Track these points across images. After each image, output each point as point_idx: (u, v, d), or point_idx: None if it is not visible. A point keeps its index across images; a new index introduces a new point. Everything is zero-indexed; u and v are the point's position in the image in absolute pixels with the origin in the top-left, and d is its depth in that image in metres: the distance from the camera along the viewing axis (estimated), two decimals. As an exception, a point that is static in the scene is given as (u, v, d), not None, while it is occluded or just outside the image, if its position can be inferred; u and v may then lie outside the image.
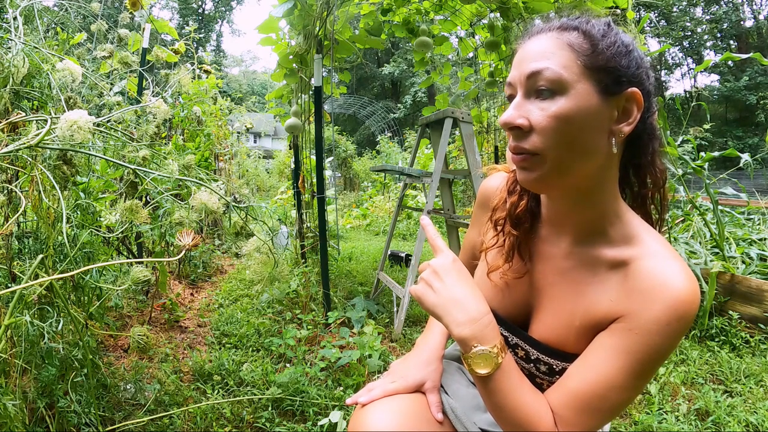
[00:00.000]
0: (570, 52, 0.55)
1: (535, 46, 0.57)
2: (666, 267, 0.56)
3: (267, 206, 1.76)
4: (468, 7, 2.77)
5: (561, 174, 0.57)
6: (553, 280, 0.67)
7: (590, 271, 0.63)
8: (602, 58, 0.55)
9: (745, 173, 2.89)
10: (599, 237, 0.62)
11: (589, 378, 0.57)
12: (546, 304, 0.68)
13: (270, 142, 25.58)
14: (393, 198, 7.45)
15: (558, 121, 0.54)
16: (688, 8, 21.08)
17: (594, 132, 0.55)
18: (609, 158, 0.58)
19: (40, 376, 1.17)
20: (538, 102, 0.55)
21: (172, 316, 2.33)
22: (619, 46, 0.56)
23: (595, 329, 0.61)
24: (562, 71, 0.54)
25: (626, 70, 0.56)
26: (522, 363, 0.69)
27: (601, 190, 0.60)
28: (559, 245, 0.67)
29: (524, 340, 0.69)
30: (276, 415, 1.54)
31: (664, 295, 0.54)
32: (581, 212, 0.62)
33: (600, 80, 0.54)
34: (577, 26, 0.57)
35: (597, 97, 0.54)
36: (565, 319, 0.64)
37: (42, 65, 1.22)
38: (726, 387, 1.73)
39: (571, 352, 0.63)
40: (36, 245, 1.31)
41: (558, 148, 0.55)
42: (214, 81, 3.96)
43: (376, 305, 2.52)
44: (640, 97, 0.56)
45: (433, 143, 2.60)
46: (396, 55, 23.39)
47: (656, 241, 0.60)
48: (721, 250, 2.39)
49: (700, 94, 9.26)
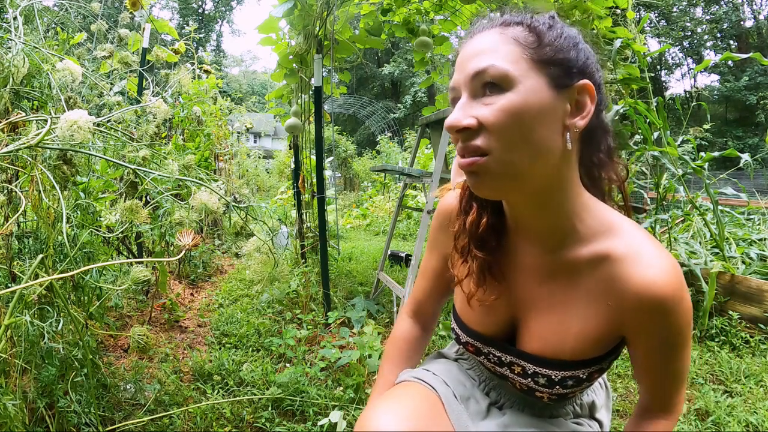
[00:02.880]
0: (515, 47, 0.52)
1: (478, 44, 0.54)
2: (647, 269, 0.55)
3: (267, 206, 1.76)
4: (468, 7, 2.77)
5: (515, 175, 0.53)
6: (537, 292, 0.65)
7: (573, 274, 0.61)
8: (550, 50, 0.52)
9: (745, 173, 2.89)
10: (570, 237, 0.60)
11: (666, 376, 0.63)
12: (533, 316, 0.65)
13: (270, 142, 25.57)
14: (393, 198, 7.45)
15: (507, 115, 0.51)
16: (688, 8, 21.08)
17: (547, 128, 0.52)
18: (565, 156, 0.55)
19: (40, 376, 1.17)
20: (485, 98, 0.52)
21: (172, 316, 2.33)
22: (566, 38, 0.54)
23: (598, 332, 0.60)
24: (509, 66, 0.51)
25: (576, 62, 0.54)
26: (519, 378, 0.68)
27: (562, 189, 0.57)
28: (532, 254, 0.64)
29: (518, 357, 0.67)
30: (276, 415, 1.54)
31: (662, 301, 0.55)
32: (546, 216, 0.59)
33: (549, 73, 0.52)
34: (521, 21, 0.54)
35: (548, 92, 0.52)
36: (558, 329, 0.63)
37: (42, 65, 1.22)
38: (726, 387, 1.73)
39: (568, 360, 0.62)
40: (36, 245, 1.31)
41: (510, 145, 0.51)
42: (214, 81, 3.96)
43: (376, 305, 2.52)
44: (592, 89, 0.54)
45: (433, 143, 2.60)
46: (396, 55, 23.38)
47: (626, 227, 0.59)
48: (721, 250, 2.39)
49: (700, 94, 9.26)
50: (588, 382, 0.65)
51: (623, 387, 1.75)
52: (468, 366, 0.82)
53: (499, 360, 0.70)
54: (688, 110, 3.30)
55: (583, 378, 0.63)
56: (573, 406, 0.75)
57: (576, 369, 0.63)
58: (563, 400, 0.72)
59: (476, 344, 0.72)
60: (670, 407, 0.64)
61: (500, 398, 0.76)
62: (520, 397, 0.74)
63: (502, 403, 0.76)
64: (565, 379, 0.63)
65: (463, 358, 0.85)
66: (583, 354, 0.62)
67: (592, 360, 0.63)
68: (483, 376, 0.79)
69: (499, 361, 0.70)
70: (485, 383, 0.79)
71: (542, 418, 0.73)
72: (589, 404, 0.77)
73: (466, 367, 0.83)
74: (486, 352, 0.71)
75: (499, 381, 0.77)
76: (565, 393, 0.65)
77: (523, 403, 0.75)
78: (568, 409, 0.75)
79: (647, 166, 3.07)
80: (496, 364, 0.71)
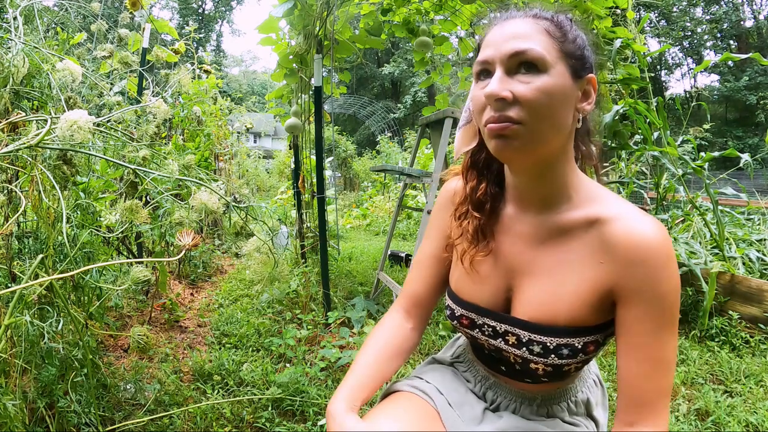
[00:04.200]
0: (548, 37, 0.61)
1: (515, 28, 0.62)
2: (636, 224, 0.61)
3: (267, 206, 1.76)
4: (468, 7, 2.77)
5: (537, 144, 0.61)
6: (530, 256, 0.69)
7: (566, 237, 0.66)
8: (572, 46, 0.62)
9: (745, 173, 2.89)
10: (565, 204, 0.67)
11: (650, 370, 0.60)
12: (528, 281, 0.68)
13: (270, 142, 25.57)
14: (393, 198, 7.45)
15: (542, 94, 0.59)
16: (688, 8, 21.08)
17: (567, 108, 0.62)
18: (571, 133, 0.65)
19: (40, 376, 1.17)
20: (522, 77, 0.60)
21: (172, 316, 2.34)
22: (581, 39, 0.64)
23: (592, 293, 0.63)
24: (545, 52, 0.60)
25: (588, 59, 0.64)
26: (513, 349, 0.68)
27: (563, 161, 0.66)
28: (527, 221, 0.70)
29: (513, 325, 0.68)
30: (276, 415, 1.54)
31: (651, 254, 0.59)
32: (546, 185, 0.67)
33: (571, 64, 0.62)
34: (550, 17, 0.63)
35: (570, 79, 0.61)
36: (553, 290, 0.65)
37: (42, 65, 1.22)
38: (726, 387, 1.73)
39: (563, 325, 0.64)
40: (36, 245, 1.31)
41: (539, 119, 0.60)
42: (214, 81, 3.96)
43: (376, 305, 2.52)
44: (596, 82, 0.65)
45: (433, 143, 2.60)
46: (396, 55, 23.39)
47: (616, 197, 0.67)
48: (721, 250, 2.39)
49: (700, 94, 9.27)
50: (583, 354, 0.65)
51: (623, 387, 1.75)
52: (464, 368, 0.83)
53: (494, 331, 0.71)
54: (688, 110, 3.31)
55: (578, 348, 0.64)
56: (568, 403, 0.75)
57: (571, 336, 0.64)
58: (558, 380, 0.71)
59: (471, 316, 0.73)
60: (647, 413, 0.59)
61: (496, 397, 0.77)
62: (517, 394, 0.75)
63: (499, 403, 0.76)
64: (560, 347, 0.64)
65: (459, 361, 0.85)
66: (578, 319, 0.64)
67: (589, 328, 0.64)
68: (479, 376, 0.80)
69: (493, 332, 0.71)
70: (481, 383, 0.79)
71: (539, 418, 0.73)
72: (585, 402, 0.77)
73: (462, 369, 0.83)
74: (480, 323, 0.72)
75: (495, 380, 0.77)
76: (559, 365, 0.65)
77: (520, 402, 0.75)
78: (563, 407, 0.75)
79: (647, 166, 3.08)
80: (491, 337, 0.71)
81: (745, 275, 2.22)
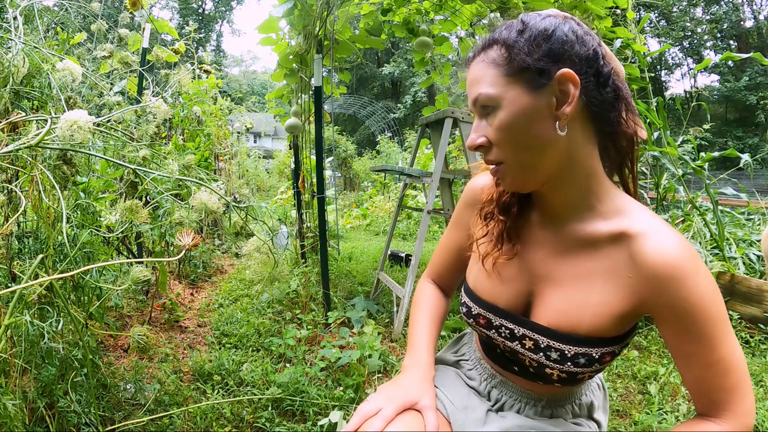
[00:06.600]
0: (493, 69, 0.60)
1: (471, 73, 0.64)
2: (662, 240, 0.59)
3: (267, 206, 1.76)
4: (468, 7, 2.77)
5: (527, 173, 0.63)
6: (556, 266, 0.67)
7: (592, 248, 0.64)
8: (519, 61, 0.58)
9: (745, 173, 2.90)
10: (589, 213, 0.65)
11: (712, 369, 0.59)
12: (551, 289, 0.67)
13: (270, 142, 25.58)
14: (393, 198, 7.45)
15: (502, 131, 0.60)
16: (688, 8, 21.08)
17: (538, 126, 0.59)
18: (569, 140, 0.60)
19: (40, 376, 1.17)
20: (487, 119, 0.62)
21: (172, 316, 2.33)
22: (535, 38, 0.58)
23: (619, 306, 0.62)
24: (491, 90, 0.60)
25: (547, 58, 0.58)
26: (530, 353, 0.68)
27: (573, 166, 0.62)
28: (553, 228, 0.68)
29: (532, 329, 0.68)
30: (276, 415, 1.54)
31: (678, 272, 0.57)
32: (562, 193, 0.65)
33: (526, 79, 0.58)
34: (495, 39, 0.62)
35: (527, 96, 0.58)
36: (577, 300, 0.64)
37: (42, 65, 1.22)
38: (726, 387, 1.73)
39: (583, 335, 0.63)
40: (36, 245, 1.31)
41: (513, 152, 0.61)
42: (214, 81, 3.95)
43: (376, 305, 2.52)
44: (572, 75, 0.57)
45: (433, 143, 2.60)
46: (396, 55, 23.38)
47: (644, 211, 0.64)
48: (721, 250, 2.39)
49: (700, 94, 9.25)
50: (598, 364, 0.64)
51: (623, 387, 1.75)
52: (470, 366, 0.83)
53: (511, 333, 0.70)
54: (688, 110, 3.31)
55: (595, 358, 0.64)
56: (572, 405, 0.75)
57: (590, 346, 0.63)
58: (570, 385, 0.71)
59: (488, 316, 0.73)
60: (720, 411, 0.59)
61: (501, 396, 0.77)
62: (523, 394, 0.75)
63: (503, 402, 0.76)
64: (577, 356, 0.64)
65: (464, 359, 0.85)
66: (599, 330, 0.63)
67: (607, 339, 0.64)
68: (485, 375, 0.80)
69: (510, 334, 0.70)
70: (487, 382, 0.79)
71: (543, 418, 0.73)
72: (588, 404, 0.77)
73: (467, 368, 0.83)
74: (498, 324, 0.72)
75: (502, 379, 0.77)
76: (574, 373, 0.65)
77: (525, 403, 0.75)
78: (567, 409, 0.75)
79: (647, 166, 3.07)
80: (507, 339, 0.71)
81: (746, 275, 2.22)
